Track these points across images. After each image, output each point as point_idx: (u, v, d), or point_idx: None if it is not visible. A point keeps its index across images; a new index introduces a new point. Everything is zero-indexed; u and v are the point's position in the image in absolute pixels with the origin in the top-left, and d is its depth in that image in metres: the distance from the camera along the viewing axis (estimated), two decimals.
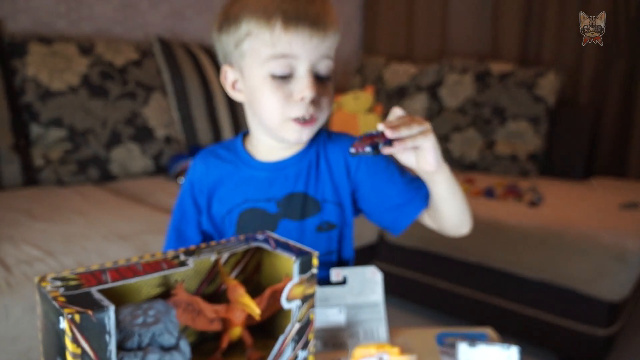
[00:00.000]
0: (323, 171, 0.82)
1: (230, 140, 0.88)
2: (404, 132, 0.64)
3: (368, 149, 0.62)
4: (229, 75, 0.82)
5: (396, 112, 0.68)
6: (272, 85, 0.74)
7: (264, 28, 0.72)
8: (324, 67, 0.75)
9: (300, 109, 0.74)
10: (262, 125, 0.80)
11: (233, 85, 0.82)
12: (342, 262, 0.87)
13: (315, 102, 0.74)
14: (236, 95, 0.82)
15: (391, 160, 0.83)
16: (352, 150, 0.63)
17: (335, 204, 0.82)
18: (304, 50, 0.73)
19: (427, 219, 0.84)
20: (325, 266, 0.82)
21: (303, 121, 0.75)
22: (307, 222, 0.81)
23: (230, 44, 0.78)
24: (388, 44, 3.18)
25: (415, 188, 0.81)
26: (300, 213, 0.81)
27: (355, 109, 2.74)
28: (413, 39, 3.07)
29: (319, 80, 0.75)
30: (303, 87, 0.73)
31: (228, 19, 0.77)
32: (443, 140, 2.56)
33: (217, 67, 2.61)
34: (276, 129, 0.77)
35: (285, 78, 0.74)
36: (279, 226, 0.81)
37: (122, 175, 2.02)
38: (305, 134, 0.77)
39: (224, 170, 0.84)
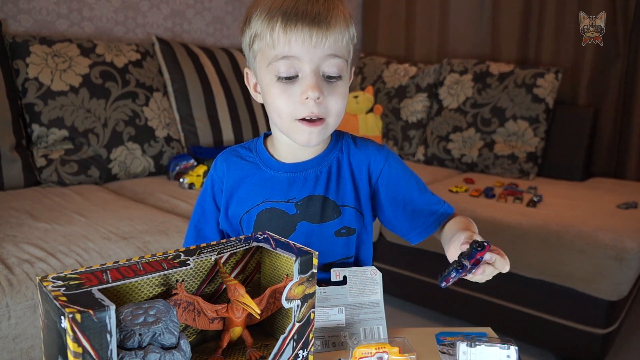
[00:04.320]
0: (346, 177, 0.82)
1: (251, 141, 0.88)
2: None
3: (454, 274, 0.68)
4: (250, 78, 0.82)
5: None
6: (278, 87, 0.74)
7: (266, 29, 0.73)
8: (331, 66, 0.74)
9: (306, 109, 0.73)
10: (276, 126, 0.81)
11: (255, 88, 0.82)
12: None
13: (321, 102, 0.73)
14: (257, 97, 0.82)
15: (412, 174, 0.85)
16: (443, 284, 0.68)
17: (356, 210, 0.82)
18: (304, 51, 0.72)
19: (436, 234, 0.86)
20: None
21: (310, 121, 0.75)
22: (326, 225, 0.81)
23: (246, 46, 0.79)
24: (388, 44, 3.18)
25: (430, 210, 0.84)
26: (320, 216, 0.80)
27: (356, 109, 2.74)
28: (413, 39, 3.07)
29: (327, 79, 0.75)
30: (305, 88, 0.72)
31: (245, 20, 0.78)
32: (443, 140, 2.56)
33: (217, 67, 2.62)
34: (287, 131, 0.78)
35: (291, 79, 0.74)
36: (298, 228, 0.81)
37: (122, 175, 2.02)
38: (314, 137, 0.76)
39: (244, 170, 0.84)
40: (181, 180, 1.95)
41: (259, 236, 0.65)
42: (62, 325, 0.44)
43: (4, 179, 1.75)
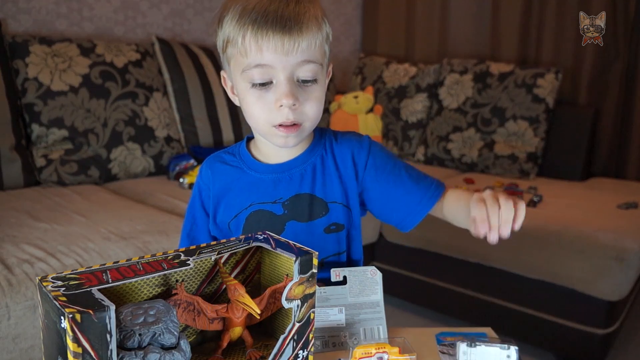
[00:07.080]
0: (331, 173, 0.82)
1: (234, 145, 0.88)
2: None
3: None
4: (227, 81, 0.83)
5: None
6: (253, 93, 0.75)
7: (237, 35, 0.73)
8: (306, 71, 0.74)
9: (282, 116, 0.74)
10: (254, 130, 0.81)
11: (232, 90, 0.82)
12: (351, 263, 0.86)
13: (297, 109, 0.74)
14: (234, 100, 0.83)
15: (397, 159, 0.85)
16: None
17: (343, 206, 0.82)
18: (277, 59, 0.72)
19: (437, 213, 0.84)
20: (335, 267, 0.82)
21: (287, 127, 0.75)
22: (315, 223, 0.81)
23: (220, 49, 0.79)
24: (388, 44, 3.18)
25: (423, 187, 0.82)
26: (308, 214, 0.81)
27: (355, 109, 2.74)
28: (413, 39, 3.07)
29: (303, 84, 0.75)
30: (280, 95, 0.73)
31: (217, 21, 0.77)
32: (443, 140, 2.56)
33: (217, 67, 2.62)
34: (264, 135, 0.79)
35: (265, 85, 0.74)
36: (287, 228, 0.81)
37: (122, 175, 2.02)
38: (291, 139, 0.77)
39: (230, 176, 0.84)
40: (181, 180, 1.95)
41: (259, 236, 0.65)
42: (62, 325, 0.44)
43: (3, 179, 1.75)
